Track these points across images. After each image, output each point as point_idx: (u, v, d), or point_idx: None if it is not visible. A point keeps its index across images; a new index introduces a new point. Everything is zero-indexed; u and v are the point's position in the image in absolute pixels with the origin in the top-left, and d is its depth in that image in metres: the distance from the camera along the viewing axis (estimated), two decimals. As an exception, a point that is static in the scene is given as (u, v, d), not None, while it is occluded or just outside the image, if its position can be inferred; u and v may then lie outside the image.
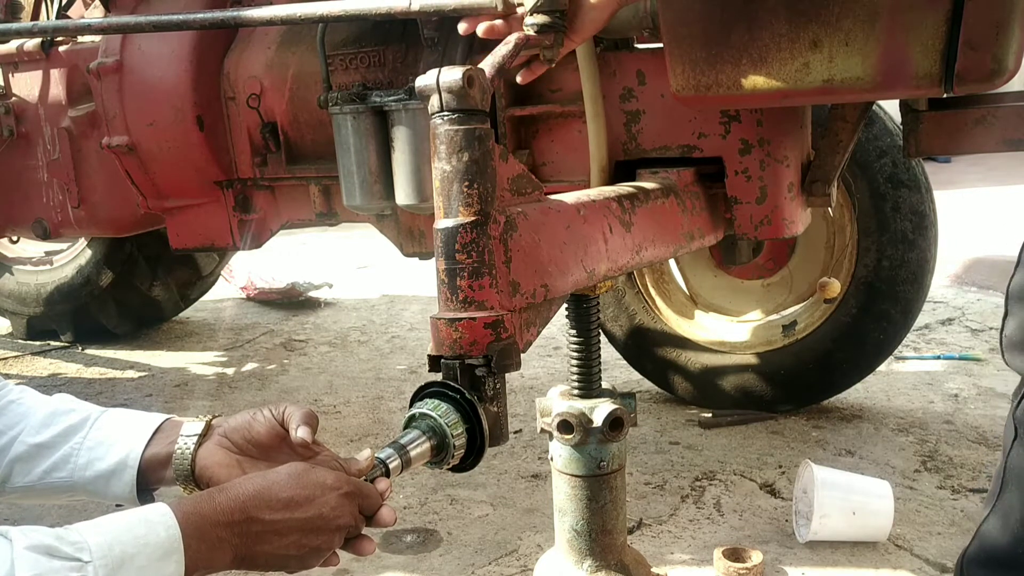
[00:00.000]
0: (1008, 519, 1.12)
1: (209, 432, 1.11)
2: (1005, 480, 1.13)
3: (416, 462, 1.04)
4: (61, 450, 1.09)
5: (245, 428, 1.11)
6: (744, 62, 1.43)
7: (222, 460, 1.08)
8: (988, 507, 1.16)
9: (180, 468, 1.08)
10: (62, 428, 1.10)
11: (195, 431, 1.10)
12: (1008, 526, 1.12)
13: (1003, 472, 1.14)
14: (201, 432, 1.10)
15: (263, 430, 1.10)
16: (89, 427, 1.11)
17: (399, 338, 4.01)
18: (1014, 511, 1.11)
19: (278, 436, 1.10)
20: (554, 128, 2.02)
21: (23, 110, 2.96)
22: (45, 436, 1.09)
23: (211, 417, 1.13)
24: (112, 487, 1.09)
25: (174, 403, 3.23)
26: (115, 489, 1.09)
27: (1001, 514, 1.13)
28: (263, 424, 1.10)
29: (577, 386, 1.44)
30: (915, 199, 2.50)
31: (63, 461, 1.09)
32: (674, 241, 1.55)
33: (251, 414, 1.12)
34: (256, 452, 1.11)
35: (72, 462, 1.09)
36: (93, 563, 0.81)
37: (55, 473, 1.09)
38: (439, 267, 1.08)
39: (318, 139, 2.37)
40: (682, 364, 2.81)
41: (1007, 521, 1.12)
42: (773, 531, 2.09)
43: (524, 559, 2.00)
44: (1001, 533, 1.13)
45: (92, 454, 1.09)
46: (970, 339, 3.53)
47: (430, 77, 1.05)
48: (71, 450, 1.09)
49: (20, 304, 4.07)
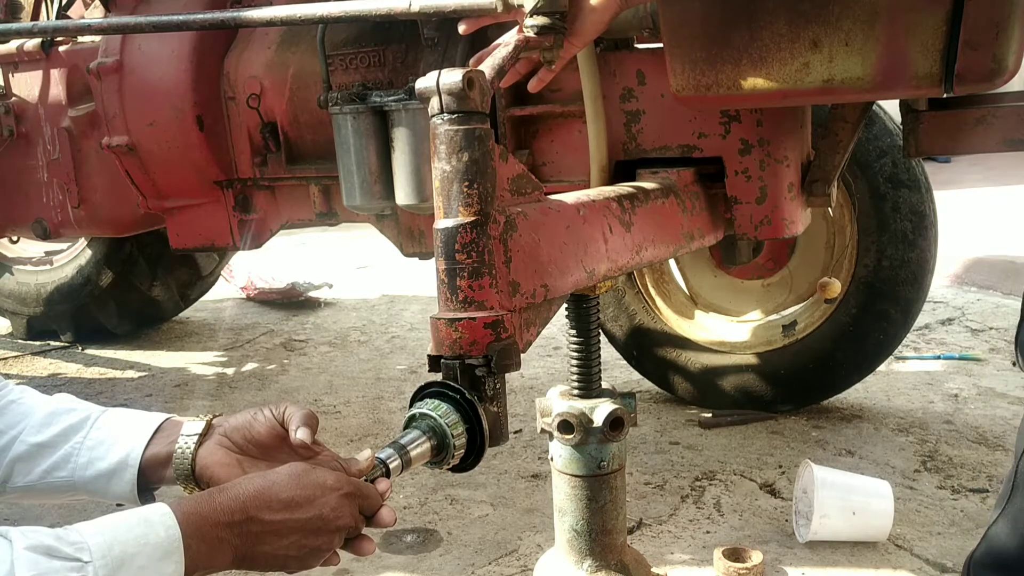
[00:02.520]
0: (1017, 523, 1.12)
1: (209, 432, 1.11)
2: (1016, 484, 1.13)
3: (416, 462, 1.04)
4: (62, 450, 1.09)
5: (246, 428, 1.11)
6: (744, 62, 1.43)
7: (222, 460, 1.08)
8: (997, 511, 1.16)
9: (180, 468, 1.08)
10: (62, 427, 1.10)
11: (195, 431, 1.10)
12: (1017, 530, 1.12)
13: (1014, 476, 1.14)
14: (201, 432, 1.10)
15: (263, 430, 1.10)
16: (90, 427, 1.11)
17: (399, 338, 4.01)
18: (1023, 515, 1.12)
19: (278, 436, 1.10)
20: (554, 128, 2.02)
21: (23, 110, 2.97)
22: (45, 436, 1.09)
23: (211, 416, 1.13)
24: (113, 486, 1.09)
25: (174, 403, 3.23)
26: (116, 489, 1.10)
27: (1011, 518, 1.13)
28: (263, 424, 1.10)
29: (577, 386, 1.44)
30: (915, 199, 2.50)
31: (63, 461, 1.09)
32: (674, 241, 1.55)
33: (251, 414, 1.12)
34: (256, 452, 1.11)
35: (73, 461, 1.09)
36: (93, 563, 0.81)
37: (56, 472, 1.09)
38: (439, 267, 1.08)
39: (318, 139, 2.37)
40: (682, 364, 2.81)
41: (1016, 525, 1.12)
42: (773, 531, 2.09)
43: (524, 559, 2.00)
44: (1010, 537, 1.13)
45: (92, 453, 1.09)
46: (970, 339, 3.53)
47: (430, 79, 1.05)
48: (72, 449, 1.09)
49: (20, 304, 4.07)
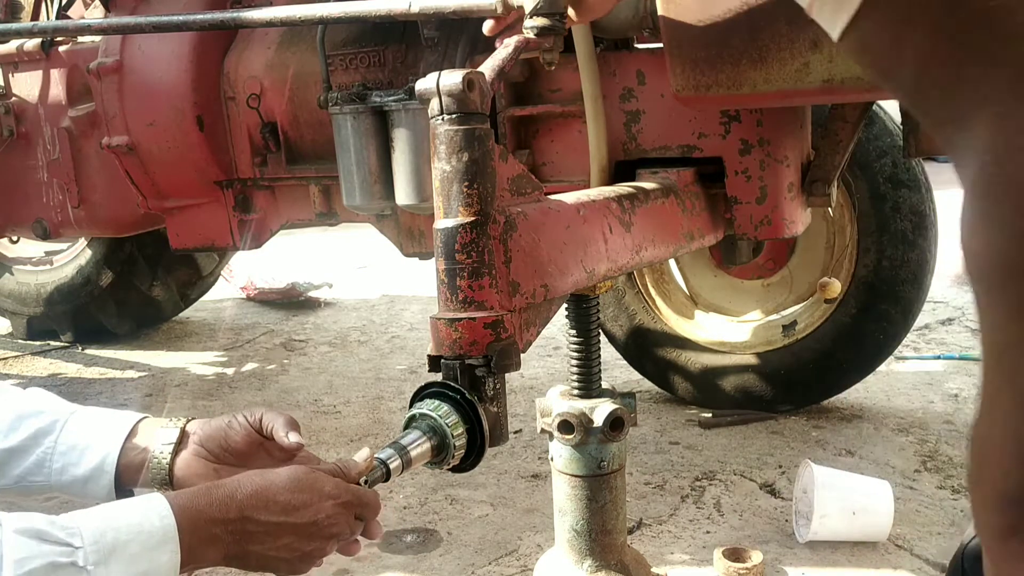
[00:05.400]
0: None
1: (184, 439, 1.10)
2: None
3: (416, 462, 1.04)
4: (34, 454, 1.08)
5: (221, 437, 1.10)
6: (744, 62, 1.43)
7: (199, 470, 1.08)
8: None
9: (157, 477, 1.08)
10: (31, 431, 1.08)
11: (170, 439, 1.09)
12: None
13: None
14: (176, 440, 1.09)
15: (239, 438, 1.10)
16: (59, 430, 1.09)
17: (399, 338, 4.01)
18: None
19: (255, 443, 1.11)
20: (554, 128, 2.02)
21: (23, 110, 2.96)
22: (14, 441, 1.08)
23: (185, 422, 1.12)
24: (90, 489, 1.09)
25: (174, 403, 3.23)
26: (93, 491, 1.09)
27: None
28: (239, 432, 1.10)
29: (577, 386, 1.44)
30: (915, 199, 2.50)
31: (37, 466, 1.08)
32: (674, 241, 1.55)
33: (226, 422, 1.11)
34: (233, 460, 1.11)
35: (47, 467, 1.08)
36: (84, 548, 0.81)
37: (31, 477, 1.08)
38: (439, 267, 1.08)
39: (318, 139, 2.37)
40: (682, 364, 2.81)
41: None
42: (773, 531, 2.09)
43: (524, 559, 2.00)
44: None
45: (66, 459, 1.08)
46: (970, 339, 3.53)
47: (430, 80, 1.05)
48: (44, 455, 1.08)
49: (20, 304, 4.07)
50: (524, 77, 1.98)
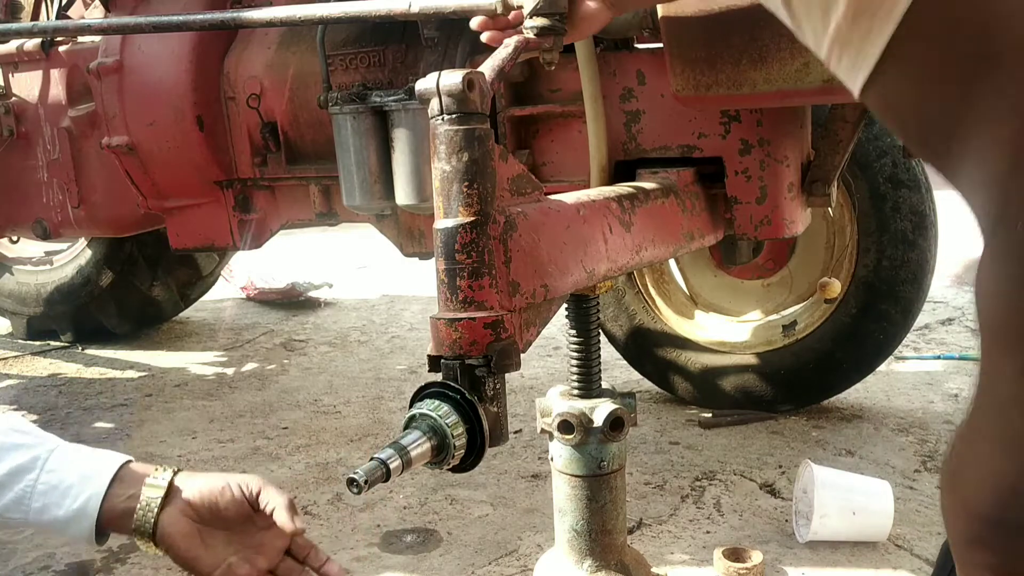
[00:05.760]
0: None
1: (173, 493, 1.10)
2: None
3: (416, 462, 1.03)
4: (13, 491, 1.07)
5: (212, 503, 1.10)
6: (744, 62, 1.43)
7: (184, 530, 1.08)
8: None
9: (142, 529, 1.08)
10: (10, 468, 1.07)
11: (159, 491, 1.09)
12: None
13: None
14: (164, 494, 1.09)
15: (231, 507, 1.10)
16: (40, 469, 1.08)
17: (399, 338, 4.01)
18: None
19: (245, 514, 1.11)
20: (554, 128, 2.02)
21: (23, 110, 2.96)
22: None
23: (172, 474, 1.11)
24: (70, 531, 1.09)
25: (174, 403, 3.23)
26: (74, 533, 1.09)
27: None
28: (231, 502, 1.10)
29: (577, 386, 1.44)
30: (915, 199, 2.50)
31: (16, 504, 1.07)
32: (674, 241, 1.55)
33: (220, 488, 1.11)
34: (220, 525, 1.11)
35: (26, 504, 1.07)
36: None
37: (9, 514, 1.07)
38: (439, 267, 1.08)
39: (318, 139, 2.37)
40: (682, 364, 2.81)
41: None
42: (773, 531, 2.09)
43: (524, 559, 2.00)
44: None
45: (46, 499, 1.07)
46: (970, 339, 3.53)
47: (430, 80, 1.05)
48: (23, 492, 1.07)
49: (20, 304, 4.07)
50: (524, 77, 1.98)
